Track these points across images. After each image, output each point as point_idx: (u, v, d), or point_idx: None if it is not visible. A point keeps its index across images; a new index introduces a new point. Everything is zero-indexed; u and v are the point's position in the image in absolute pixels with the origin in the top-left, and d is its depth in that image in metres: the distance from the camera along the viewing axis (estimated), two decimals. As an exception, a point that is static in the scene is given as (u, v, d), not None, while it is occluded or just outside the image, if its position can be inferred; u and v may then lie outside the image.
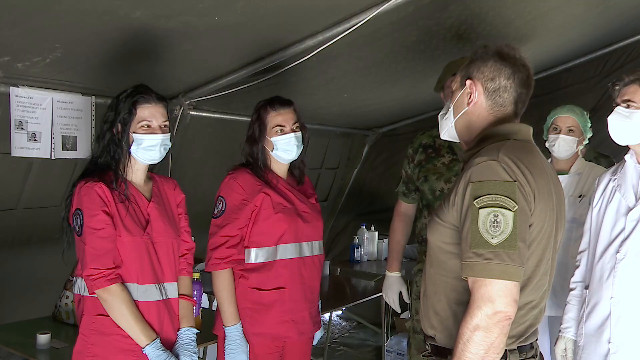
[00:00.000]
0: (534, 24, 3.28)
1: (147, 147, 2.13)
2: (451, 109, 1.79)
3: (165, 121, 2.17)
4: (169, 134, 2.18)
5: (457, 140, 1.84)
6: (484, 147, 1.64)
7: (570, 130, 2.95)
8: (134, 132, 2.11)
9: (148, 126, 2.13)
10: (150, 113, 2.13)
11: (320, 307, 2.74)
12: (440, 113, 1.85)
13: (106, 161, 2.13)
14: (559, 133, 2.95)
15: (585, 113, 3.03)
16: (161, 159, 2.20)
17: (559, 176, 2.74)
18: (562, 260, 2.60)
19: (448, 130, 1.81)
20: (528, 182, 1.55)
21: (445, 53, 3.21)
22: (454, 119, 1.77)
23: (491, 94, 1.70)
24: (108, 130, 2.12)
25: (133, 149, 2.12)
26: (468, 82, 1.72)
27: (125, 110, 2.10)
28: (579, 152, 3.05)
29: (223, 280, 2.42)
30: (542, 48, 3.84)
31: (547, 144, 2.99)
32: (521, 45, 3.52)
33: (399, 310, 3.13)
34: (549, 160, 2.99)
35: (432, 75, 2.46)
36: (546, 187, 1.62)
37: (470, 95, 1.72)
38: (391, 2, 2.48)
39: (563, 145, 2.95)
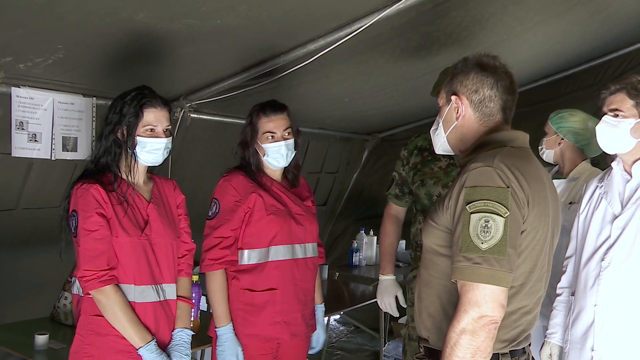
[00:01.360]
0: (535, 31, 3.28)
1: (151, 151, 2.14)
2: (441, 124, 1.82)
3: (168, 125, 2.19)
4: (171, 137, 2.21)
5: (452, 153, 1.86)
6: (481, 154, 1.66)
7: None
8: (138, 135, 2.12)
9: (152, 130, 2.14)
10: (155, 117, 2.14)
11: (324, 310, 2.76)
12: (432, 129, 1.87)
13: (107, 162, 2.14)
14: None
15: (564, 114, 2.86)
16: (162, 162, 2.21)
17: (558, 180, 2.78)
18: (552, 271, 2.58)
19: (442, 145, 1.84)
20: (522, 188, 1.57)
21: (446, 59, 3.21)
22: (445, 134, 1.80)
23: (477, 106, 1.73)
24: (112, 132, 2.13)
25: (137, 151, 2.13)
26: (453, 97, 1.75)
27: (131, 113, 2.11)
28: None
29: (216, 281, 2.43)
30: (542, 55, 3.85)
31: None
32: (522, 51, 3.53)
33: (397, 314, 3.06)
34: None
35: (432, 81, 2.46)
36: (542, 194, 1.64)
37: (458, 110, 1.75)
38: (393, 7, 2.49)
39: (547, 152, 2.92)
